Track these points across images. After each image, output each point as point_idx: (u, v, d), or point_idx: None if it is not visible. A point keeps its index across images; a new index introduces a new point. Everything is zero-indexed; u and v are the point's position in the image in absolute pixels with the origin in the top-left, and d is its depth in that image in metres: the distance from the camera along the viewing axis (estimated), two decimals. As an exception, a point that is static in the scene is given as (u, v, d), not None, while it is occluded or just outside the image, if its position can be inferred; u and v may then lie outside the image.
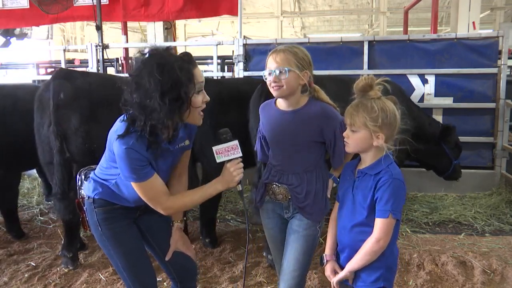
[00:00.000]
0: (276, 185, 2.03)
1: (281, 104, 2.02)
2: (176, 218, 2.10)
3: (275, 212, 2.10)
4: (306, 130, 1.97)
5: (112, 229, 1.93)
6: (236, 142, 1.84)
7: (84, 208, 2.00)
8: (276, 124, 2.02)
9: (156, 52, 1.72)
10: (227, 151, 1.83)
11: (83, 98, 3.21)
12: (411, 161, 4.26)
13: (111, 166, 1.86)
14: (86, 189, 1.97)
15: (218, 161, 1.85)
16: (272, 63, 1.90)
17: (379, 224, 1.68)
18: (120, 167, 1.74)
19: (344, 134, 1.80)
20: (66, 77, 3.21)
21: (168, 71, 1.64)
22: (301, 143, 1.98)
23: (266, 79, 1.94)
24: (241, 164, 1.87)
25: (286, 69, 1.87)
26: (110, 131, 1.83)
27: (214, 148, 1.84)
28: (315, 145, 2.00)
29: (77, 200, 2.06)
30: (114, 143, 1.72)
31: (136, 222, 2.03)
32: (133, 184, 1.76)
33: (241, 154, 1.85)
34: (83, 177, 2.07)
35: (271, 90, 1.95)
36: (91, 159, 3.17)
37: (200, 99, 1.78)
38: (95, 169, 2.05)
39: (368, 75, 1.76)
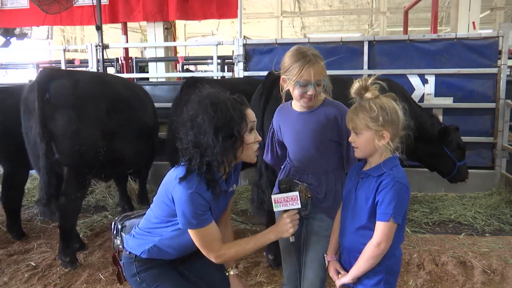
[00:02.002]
0: (296, 183, 2.04)
1: (297, 105, 2.04)
2: (228, 266, 2.07)
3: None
4: (325, 130, 1.99)
5: (151, 273, 1.92)
6: (296, 193, 1.84)
7: (121, 262, 1.99)
8: (296, 125, 2.04)
9: (209, 92, 1.78)
10: (286, 201, 1.83)
11: (69, 97, 3.11)
12: (414, 161, 4.25)
13: (163, 220, 1.85)
14: (130, 245, 1.94)
15: (275, 210, 1.85)
16: (310, 74, 1.86)
17: (380, 227, 1.65)
18: (180, 213, 1.73)
19: (350, 139, 1.78)
20: (51, 77, 3.12)
21: (221, 109, 1.70)
22: (322, 143, 2.00)
23: (295, 89, 1.92)
24: (297, 216, 1.86)
25: (325, 82, 1.91)
26: (163, 183, 1.84)
27: (273, 197, 1.84)
28: (335, 145, 2.03)
29: (113, 254, 2.07)
30: (175, 188, 1.73)
31: (184, 273, 2.03)
32: (191, 231, 1.76)
33: (300, 206, 1.84)
34: (119, 226, 2.05)
35: (301, 100, 1.96)
36: (81, 162, 3.14)
37: (252, 137, 1.83)
38: (132, 218, 2.06)
39: (367, 75, 1.76)
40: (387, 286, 1.74)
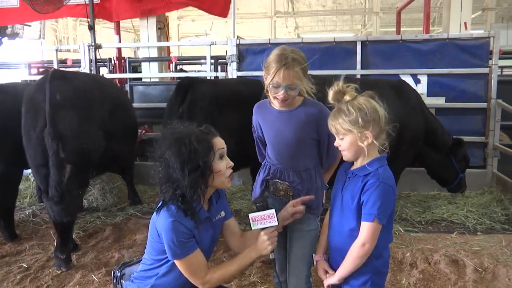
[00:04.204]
0: (278, 181, 2.06)
1: (277, 104, 2.03)
2: None
3: (274, 207, 2.12)
4: (305, 128, 2.00)
5: None
6: (273, 211, 1.84)
7: None
8: (276, 123, 2.04)
9: (175, 129, 1.82)
10: (263, 219, 1.84)
11: (80, 98, 3.22)
12: (419, 166, 4.30)
13: (157, 260, 1.85)
14: None
15: (253, 228, 1.86)
16: (282, 78, 1.86)
17: (365, 228, 1.66)
18: (166, 243, 1.75)
19: (335, 143, 1.78)
20: (61, 78, 3.19)
21: (185, 143, 1.74)
22: (303, 141, 2.01)
23: (269, 88, 1.93)
24: (276, 233, 1.87)
25: (298, 87, 1.91)
26: (150, 221, 1.86)
27: (250, 215, 1.86)
28: (315, 143, 2.04)
29: None
30: (158, 220, 1.76)
31: None
32: (177, 262, 1.77)
33: (277, 223, 1.84)
34: (118, 274, 2.05)
35: (275, 100, 1.97)
36: (87, 160, 3.24)
37: (224, 164, 1.83)
38: (131, 265, 2.06)
39: (344, 77, 1.75)
40: (374, 287, 1.74)
